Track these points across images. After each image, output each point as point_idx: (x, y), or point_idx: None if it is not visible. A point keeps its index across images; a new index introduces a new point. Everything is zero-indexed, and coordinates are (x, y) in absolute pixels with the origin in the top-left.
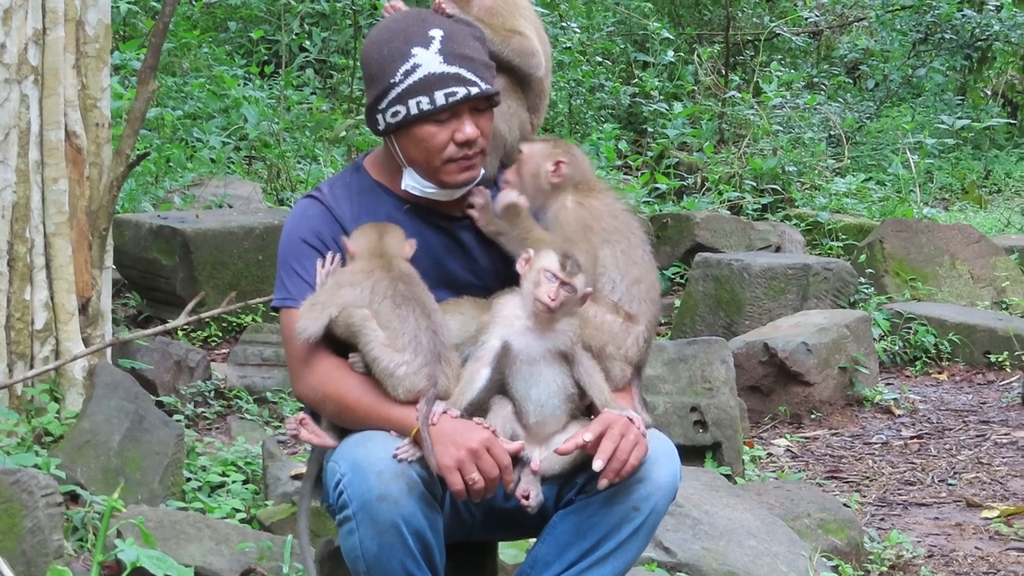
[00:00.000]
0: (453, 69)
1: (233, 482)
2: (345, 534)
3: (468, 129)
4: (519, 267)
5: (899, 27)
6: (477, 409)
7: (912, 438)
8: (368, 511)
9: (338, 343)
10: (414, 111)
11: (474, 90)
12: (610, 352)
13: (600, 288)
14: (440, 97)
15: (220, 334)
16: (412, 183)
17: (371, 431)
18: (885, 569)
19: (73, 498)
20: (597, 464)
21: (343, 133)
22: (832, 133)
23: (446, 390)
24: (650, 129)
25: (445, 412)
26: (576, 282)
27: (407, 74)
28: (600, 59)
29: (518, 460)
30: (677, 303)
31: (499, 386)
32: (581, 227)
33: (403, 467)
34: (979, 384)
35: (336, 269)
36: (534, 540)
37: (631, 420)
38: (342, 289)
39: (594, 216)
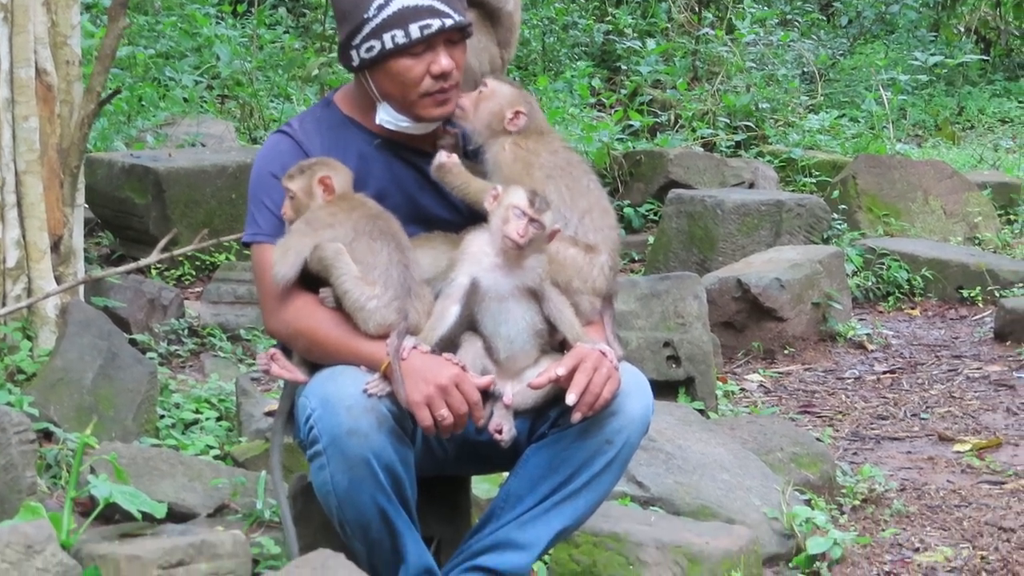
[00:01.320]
0: (426, 1)
1: (206, 419)
2: (316, 469)
3: (444, 61)
4: (487, 204)
5: None
6: (447, 345)
7: (885, 373)
8: (338, 446)
9: (310, 279)
10: (389, 45)
11: (448, 21)
12: (577, 286)
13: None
14: (415, 30)
15: (193, 272)
16: (387, 118)
17: (341, 366)
18: (858, 502)
19: (46, 435)
20: (570, 398)
21: (315, 72)
22: (806, 70)
23: (416, 325)
24: (623, 67)
25: (415, 347)
26: (544, 219)
27: (380, 8)
28: None
29: (490, 395)
30: (650, 240)
31: (469, 323)
32: (521, 166)
33: (373, 402)
34: (951, 319)
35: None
36: (507, 474)
37: (603, 354)
38: (320, 231)
39: (532, 154)
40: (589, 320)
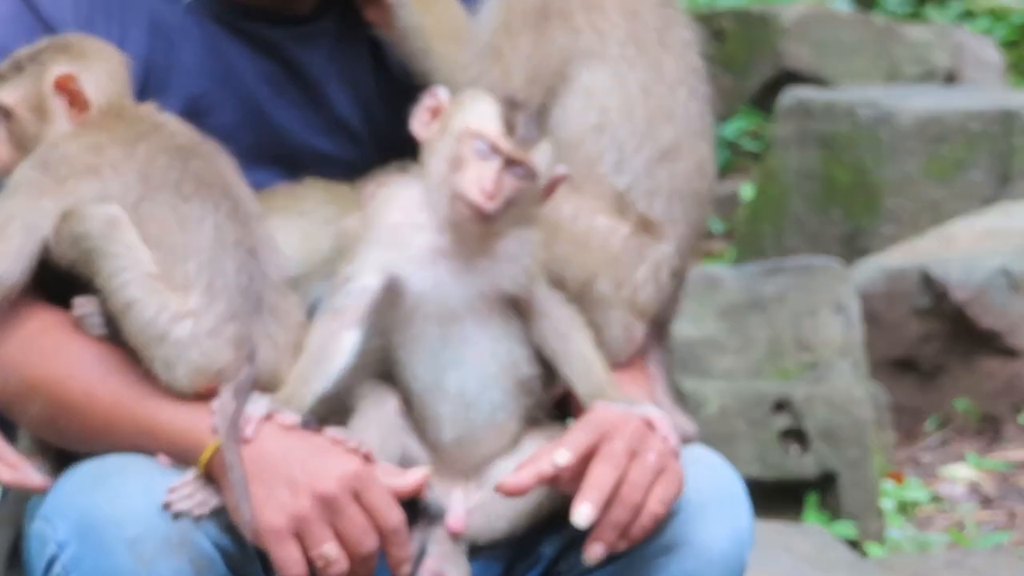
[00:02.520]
0: None
1: None
2: None
3: None
4: (418, 125)
5: None
6: (335, 409)
7: None
8: None
9: (55, 280)
10: None
11: None
12: (603, 292)
13: (588, 159)
14: None
15: None
16: None
17: (118, 455)
18: None
19: None
20: (583, 513)
21: None
22: None
23: (272, 371)
24: None
25: (270, 417)
26: (534, 158)
27: None
28: None
29: (419, 511)
30: (747, 192)
31: (378, 364)
32: (549, 11)
33: (183, 529)
34: None
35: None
36: None
37: (649, 424)
38: (72, 183)
39: None
40: (619, 360)
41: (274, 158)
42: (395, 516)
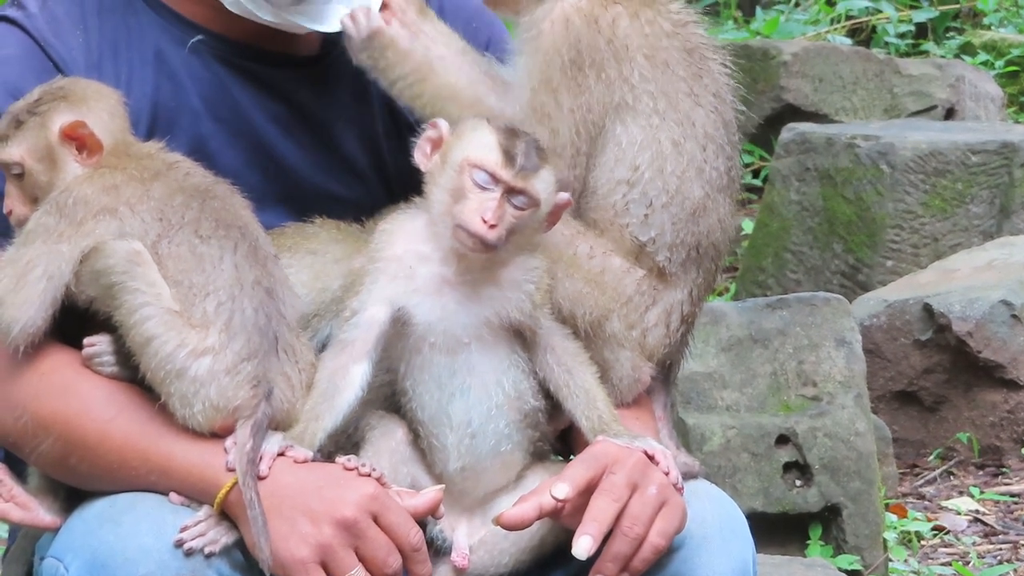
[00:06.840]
0: None
1: None
2: None
3: None
4: (420, 157)
5: None
6: (342, 444)
7: None
8: None
9: (70, 320)
10: None
11: None
12: (614, 331)
13: (615, 209)
14: None
15: None
16: None
17: (131, 494)
18: None
19: None
20: (582, 546)
21: None
22: None
23: (288, 409)
24: None
25: (284, 454)
26: (534, 186)
27: None
28: None
29: (430, 542)
30: (747, 227)
31: (385, 397)
32: (583, 61)
33: (194, 566)
34: None
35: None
36: None
37: (651, 457)
38: (91, 224)
39: (615, 35)
40: (624, 400)
41: (281, 198)
42: (415, 534)
